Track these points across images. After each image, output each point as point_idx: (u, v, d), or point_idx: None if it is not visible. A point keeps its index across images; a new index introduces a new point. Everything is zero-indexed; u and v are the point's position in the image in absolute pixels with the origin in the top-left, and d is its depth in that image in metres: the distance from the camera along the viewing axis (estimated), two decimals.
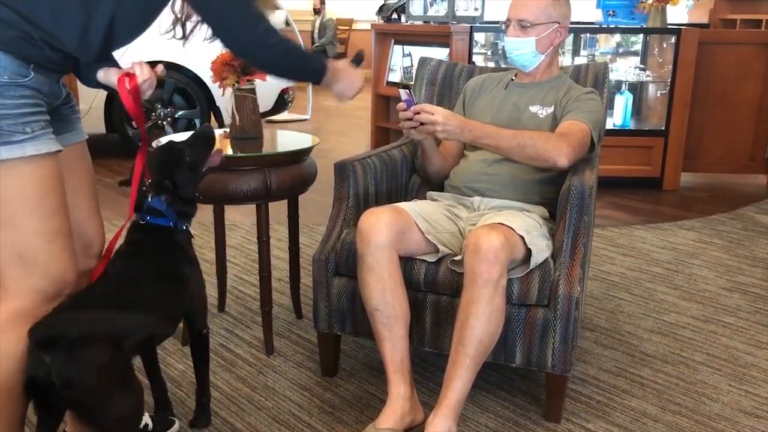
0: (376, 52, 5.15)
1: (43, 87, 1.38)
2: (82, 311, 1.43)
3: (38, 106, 1.36)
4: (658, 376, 2.19)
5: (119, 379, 1.42)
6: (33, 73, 1.34)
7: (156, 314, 1.60)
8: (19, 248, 1.36)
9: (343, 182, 2.13)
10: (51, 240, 1.39)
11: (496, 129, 1.99)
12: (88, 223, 1.62)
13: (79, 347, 1.36)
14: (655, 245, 3.43)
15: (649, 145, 4.44)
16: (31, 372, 1.36)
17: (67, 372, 1.33)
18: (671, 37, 4.34)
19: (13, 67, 1.31)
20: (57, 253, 1.40)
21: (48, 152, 1.36)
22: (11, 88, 1.31)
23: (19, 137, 1.32)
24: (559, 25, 2.10)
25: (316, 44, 10.41)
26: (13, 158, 1.31)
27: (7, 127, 1.30)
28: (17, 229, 1.35)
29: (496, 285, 1.71)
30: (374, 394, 2.06)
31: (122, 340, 1.44)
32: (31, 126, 1.33)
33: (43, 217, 1.37)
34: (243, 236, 3.43)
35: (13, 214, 1.34)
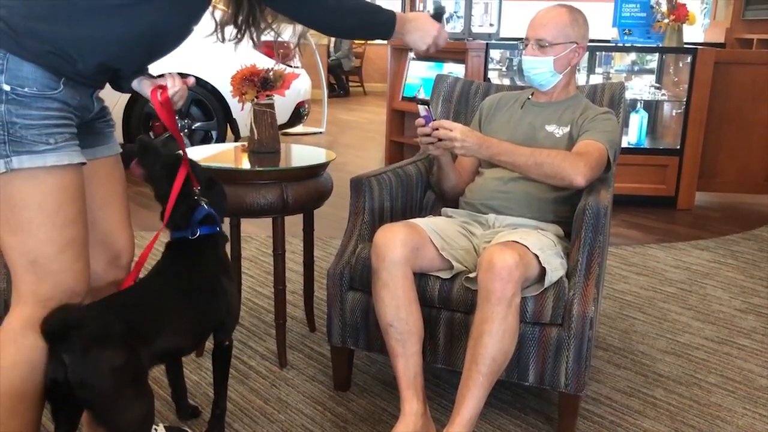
0: (392, 67, 5.18)
1: (72, 100, 1.40)
2: (105, 313, 1.46)
3: (64, 118, 1.39)
4: (671, 398, 2.18)
5: (132, 383, 1.44)
6: (63, 87, 1.37)
7: (186, 329, 1.63)
8: (32, 255, 1.38)
9: (359, 197, 2.15)
10: (63, 250, 1.40)
11: (513, 146, 2.00)
12: (118, 235, 1.65)
13: (95, 347, 1.38)
14: (669, 265, 3.42)
15: (664, 164, 4.43)
16: (51, 374, 1.38)
17: (82, 372, 1.36)
18: (687, 56, 4.34)
19: (43, 80, 1.34)
20: (69, 263, 1.41)
21: (69, 164, 1.38)
22: (39, 99, 1.34)
23: (42, 147, 1.34)
24: (578, 46, 2.12)
25: (332, 58, 10.49)
26: (34, 167, 1.34)
27: (31, 136, 1.33)
28: (32, 235, 1.37)
29: (510, 303, 1.71)
30: (386, 410, 2.06)
31: (140, 347, 1.46)
32: (55, 137, 1.36)
33: (58, 226, 1.39)
34: (257, 248, 3.45)
35: (29, 221, 1.36)
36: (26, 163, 1.33)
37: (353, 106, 9.84)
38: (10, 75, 1.31)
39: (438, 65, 4.88)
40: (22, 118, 1.31)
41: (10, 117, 1.31)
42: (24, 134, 1.32)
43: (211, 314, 1.73)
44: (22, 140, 1.32)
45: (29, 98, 1.33)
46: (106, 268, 1.63)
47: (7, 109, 1.30)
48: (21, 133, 1.32)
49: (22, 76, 1.31)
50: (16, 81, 1.31)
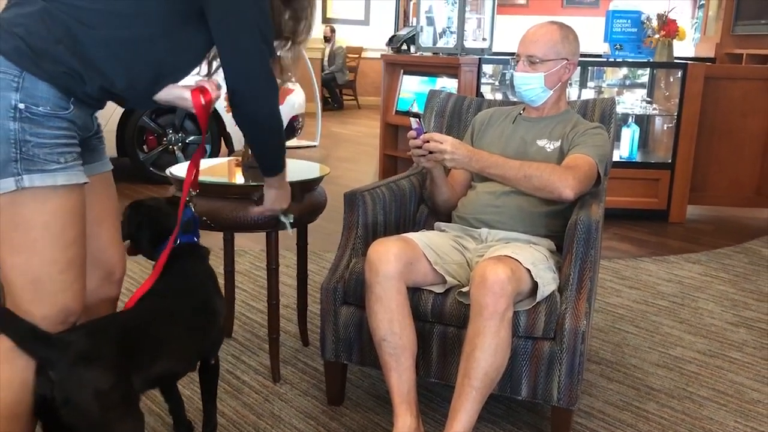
0: (385, 81, 5.21)
1: (78, 120, 1.42)
2: (97, 333, 1.44)
3: (73, 138, 1.40)
4: (663, 411, 2.19)
5: (119, 405, 1.41)
6: (72, 107, 1.38)
7: (182, 352, 1.63)
8: (34, 274, 1.38)
9: (353, 212, 2.16)
10: (64, 270, 1.40)
11: (503, 159, 2.02)
12: (111, 251, 1.65)
13: (81, 366, 1.37)
14: (661, 278, 3.44)
15: (656, 177, 4.46)
16: (39, 390, 1.37)
17: (67, 390, 1.35)
18: (678, 71, 4.39)
19: (55, 99, 1.35)
20: (68, 283, 1.42)
21: (77, 183, 1.40)
22: (51, 119, 1.35)
23: (53, 166, 1.35)
24: (568, 62, 2.14)
25: (326, 72, 10.53)
26: (44, 186, 1.34)
27: (43, 155, 1.34)
28: (35, 255, 1.37)
29: (503, 317, 1.72)
30: (380, 424, 2.06)
31: (132, 371, 1.44)
32: (65, 156, 1.37)
33: (62, 247, 1.39)
34: (251, 262, 3.45)
35: (33, 240, 1.36)
36: (37, 182, 1.33)
37: (347, 119, 9.88)
38: (26, 93, 1.32)
39: (431, 80, 4.91)
40: (35, 137, 1.32)
41: (24, 135, 1.31)
42: (36, 152, 1.33)
43: (206, 335, 1.72)
44: (34, 158, 1.33)
45: (42, 117, 1.33)
46: (100, 285, 1.63)
47: (21, 127, 1.31)
48: (33, 151, 1.32)
49: (37, 95, 1.33)
50: (31, 99, 1.32)
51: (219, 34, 1.46)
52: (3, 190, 1.32)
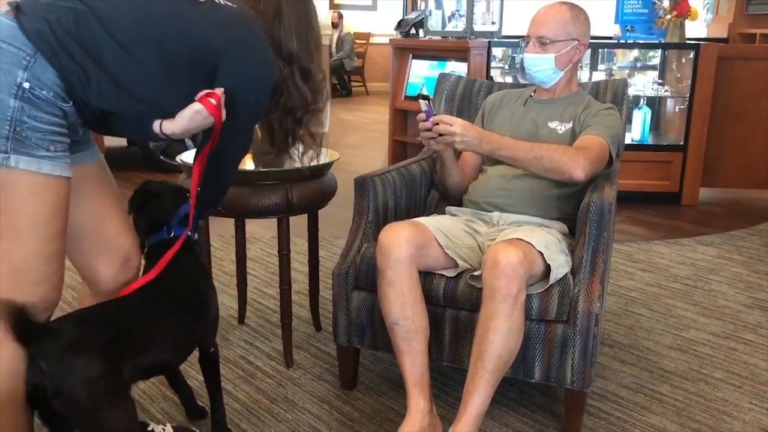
0: (393, 66, 5.19)
1: (72, 117, 1.41)
2: (87, 322, 1.45)
3: (65, 128, 1.40)
4: (677, 393, 2.18)
5: (109, 393, 1.41)
6: (71, 103, 1.39)
7: (174, 344, 1.62)
8: (16, 264, 1.37)
9: (363, 197, 2.15)
10: (48, 262, 1.40)
11: (513, 141, 2.01)
12: (124, 236, 1.65)
13: (70, 356, 1.36)
14: (673, 261, 3.42)
15: (668, 160, 4.42)
16: (31, 380, 1.36)
17: (57, 379, 1.35)
18: (690, 52, 4.34)
19: (59, 90, 1.36)
20: (49, 275, 1.41)
21: (61, 175, 1.39)
22: (51, 105, 1.35)
23: (42, 153, 1.34)
24: (579, 43, 2.12)
25: (334, 58, 10.49)
26: (28, 170, 1.33)
27: (35, 139, 1.33)
28: (20, 245, 1.37)
29: (515, 300, 1.72)
30: (393, 408, 2.07)
31: (122, 360, 1.43)
32: (55, 145, 1.36)
33: (47, 239, 1.39)
34: (262, 249, 3.46)
35: (19, 230, 1.36)
36: (22, 164, 1.33)
37: (356, 106, 9.85)
38: (33, 74, 1.32)
39: (440, 64, 4.88)
40: (32, 120, 1.32)
41: (21, 115, 1.31)
42: (29, 135, 1.32)
43: (197, 326, 1.71)
44: (25, 141, 1.32)
45: (43, 102, 1.33)
46: (118, 273, 1.64)
47: (20, 106, 1.31)
48: (27, 133, 1.32)
49: (44, 78, 1.33)
50: (36, 81, 1.32)
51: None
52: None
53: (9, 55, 1.31)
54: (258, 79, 1.51)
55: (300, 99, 1.68)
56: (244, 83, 1.49)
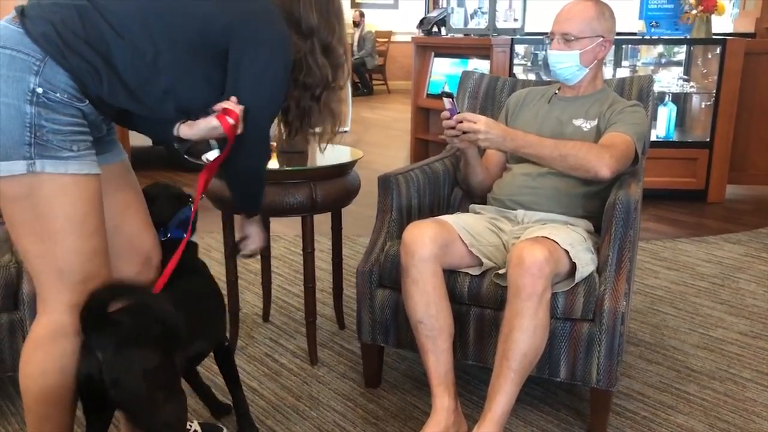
0: (416, 64, 5.19)
1: (92, 115, 1.41)
2: (143, 315, 1.46)
3: (86, 127, 1.40)
4: (705, 393, 2.16)
5: (165, 384, 1.44)
6: (88, 101, 1.38)
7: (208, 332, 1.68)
8: (59, 264, 1.39)
9: (387, 195, 2.16)
10: (89, 259, 1.41)
11: (538, 138, 2.00)
12: (144, 237, 1.65)
13: (130, 347, 1.39)
14: (700, 259, 3.38)
15: (693, 156, 4.37)
16: (85, 370, 1.39)
17: (116, 370, 1.37)
18: (716, 47, 4.28)
19: (74, 89, 1.35)
20: (94, 272, 1.42)
21: (89, 173, 1.39)
22: (67, 106, 1.34)
23: (66, 154, 1.35)
24: (604, 39, 2.10)
25: (356, 56, 10.50)
26: (55, 173, 1.34)
27: (57, 142, 1.34)
28: (59, 245, 1.38)
29: (541, 299, 1.71)
30: (417, 406, 2.07)
31: (174, 350, 1.48)
32: (78, 145, 1.37)
33: (84, 236, 1.39)
34: (286, 247, 3.48)
35: (56, 230, 1.37)
36: (48, 167, 1.33)
37: (377, 104, 9.85)
38: (44, 78, 1.32)
39: (462, 62, 4.87)
40: (50, 122, 1.32)
41: (39, 120, 1.31)
42: (50, 138, 1.33)
43: (223, 315, 1.79)
44: (47, 144, 1.32)
45: (58, 104, 1.33)
46: (140, 271, 1.64)
47: (37, 111, 1.31)
48: (48, 137, 1.32)
49: (56, 81, 1.32)
50: (49, 85, 1.32)
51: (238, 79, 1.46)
52: (14, 173, 1.32)
53: (19, 62, 1.31)
54: (270, 56, 1.46)
55: (320, 75, 1.65)
56: (255, 60, 1.45)
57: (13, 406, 2.02)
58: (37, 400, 1.43)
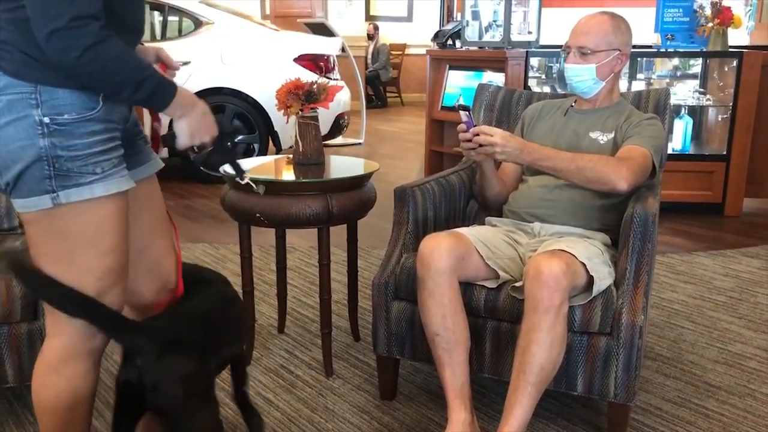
0: (430, 77, 5.20)
1: (113, 115, 1.35)
2: (183, 319, 1.49)
3: (110, 140, 1.34)
4: (724, 408, 2.13)
5: (202, 391, 1.46)
6: (102, 103, 1.31)
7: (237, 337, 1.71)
8: (72, 283, 1.35)
9: (403, 207, 2.16)
10: (102, 277, 1.37)
11: (554, 151, 2.00)
12: (166, 261, 1.61)
13: (169, 353, 1.41)
14: (717, 273, 3.35)
15: (710, 170, 4.34)
16: (125, 376, 1.42)
17: (155, 375, 1.39)
18: (733, 60, 4.26)
19: (80, 102, 1.29)
20: (105, 290, 1.38)
21: (118, 191, 1.35)
22: (80, 124, 1.29)
23: (89, 178, 1.30)
24: (620, 53, 2.10)
25: (370, 69, 10.56)
26: (81, 200, 1.30)
27: (77, 168, 1.29)
28: (72, 264, 1.34)
29: (558, 312, 1.70)
30: (433, 419, 2.06)
31: (209, 356, 1.50)
32: (102, 165, 1.32)
33: (98, 255, 1.36)
34: (300, 258, 3.49)
35: (70, 251, 1.34)
36: (74, 197, 1.29)
37: (391, 116, 9.88)
38: (47, 106, 1.26)
39: (477, 74, 4.88)
40: (66, 150, 1.27)
41: (55, 151, 1.27)
42: (70, 167, 1.28)
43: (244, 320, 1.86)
44: (68, 173, 1.28)
45: (71, 125, 1.28)
46: (157, 294, 1.61)
47: (50, 143, 1.26)
48: (67, 165, 1.28)
49: (58, 104, 1.27)
50: (53, 110, 1.26)
51: None
52: (39, 208, 1.29)
53: (17, 104, 1.26)
54: None
55: None
56: None
57: (31, 416, 2.03)
58: (52, 420, 1.43)
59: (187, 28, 5.46)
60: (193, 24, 5.39)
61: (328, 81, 2.36)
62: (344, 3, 10.64)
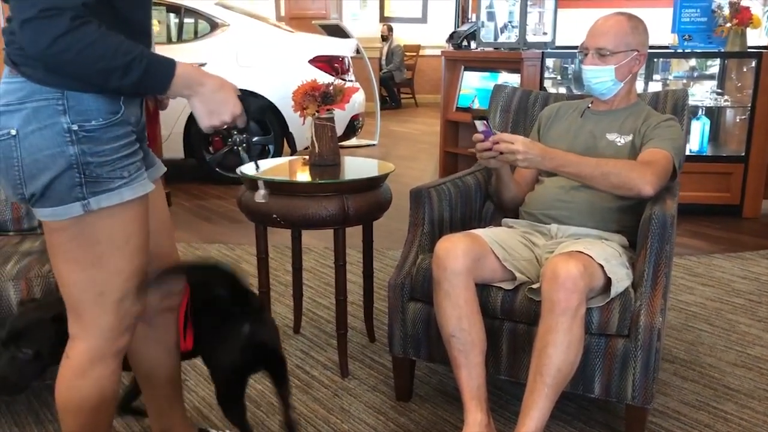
0: (445, 78, 5.20)
1: (131, 117, 1.34)
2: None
3: (132, 144, 1.34)
4: (743, 412, 2.11)
5: None
6: (123, 106, 1.31)
7: None
8: (100, 288, 1.36)
9: (419, 208, 2.16)
10: (129, 278, 1.38)
11: (577, 157, 1.97)
12: (169, 261, 1.61)
13: (269, 316, 1.78)
14: (735, 275, 3.32)
15: (728, 171, 4.31)
16: (259, 337, 1.66)
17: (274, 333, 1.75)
18: (752, 60, 4.22)
19: (105, 106, 1.28)
20: (131, 289, 1.39)
21: (143, 194, 1.35)
22: (108, 129, 1.28)
23: (118, 183, 1.30)
24: (638, 53, 2.09)
25: (384, 70, 10.56)
26: (111, 206, 1.30)
27: (106, 174, 1.29)
28: (102, 269, 1.35)
29: (575, 314, 1.70)
30: (449, 421, 2.06)
31: None
32: (128, 169, 1.32)
33: (126, 256, 1.36)
34: (316, 259, 3.49)
35: (99, 256, 1.34)
36: (104, 202, 1.29)
37: (405, 117, 9.88)
38: (74, 112, 1.25)
39: (492, 75, 4.87)
40: (96, 156, 1.27)
41: (84, 158, 1.26)
42: (100, 173, 1.28)
43: None
44: (98, 179, 1.28)
45: (98, 131, 1.27)
46: (162, 298, 1.61)
47: (80, 150, 1.26)
48: (97, 172, 1.28)
49: (85, 109, 1.26)
50: (81, 117, 1.25)
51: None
52: (70, 216, 1.29)
53: (44, 111, 1.24)
54: None
55: None
56: None
57: (50, 413, 2.05)
58: (77, 422, 1.44)
59: (202, 30, 5.49)
60: (209, 26, 5.42)
61: (344, 82, 2.36)
62: (359, 4, 10.65)
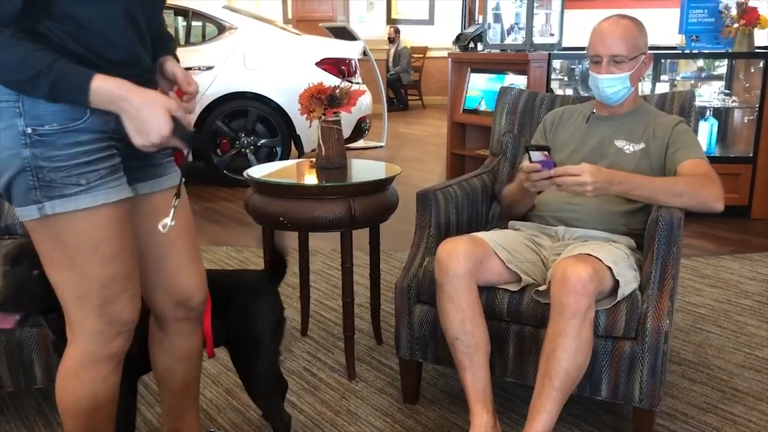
0: (452, 80, 5.20)
1: (106, 125, 1.30)
2: None
3: (98, 151, 1.30)
4: (752, 414, 2.11)
5: None
6: (90, 114, 1.27)
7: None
8: (77, 291, 1.36)
9: (425, 211, 2.16)
10: (106, 285, 1.36)
11: (646, 179, 1.92)
12: (186, 275, 1.56)
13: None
14: (744, 276, 3.31)
15: (736, 172, 4.29)
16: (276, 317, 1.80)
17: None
18: (760, 61, 4.21)
19: (63, 112, 1.25)
20: (113, 297, 1.37)
21: (105, 203, 1.31)
22: (63, 135, 1.25)
23: (73, 189, 1.27)
24: (646, 56, 2.08)
25: (391, 72, 10.57)
26: (65, 212, 1.28)
27: (60, 179, 1.26)
28: (74, 272, 1.34)
29: (584, 317, 1.69)
30: (455, 423, 2.06)
31: None
32: (86, 177, 1.28)
33: (98, 263, 1.34)
34: (323, 262, 3.50)
35: (71, 258, 1.33)
36: (59, 208, 1.28)
37: (412, 119, 9.88)
38: (29, 116, 1.24)
39: (499, 77, 4.87)
40: (48, 161, 1.25)
41: (36, 161, 1.25)
42: (53, 177, 1.26)
43: None
44: (51, 184, 1.26)
45: (52, 136, 1.25)
46: (175, 309, 1.58)
47: (32, 154, 1.24)
48: (50, 176, 1.26)
49: (39, 114, 1.24)
50: (35, 121, 1.24)
51: None
52: (31, 217, 1.29)
53: (5, 111, 1.24)
54: None
55: None
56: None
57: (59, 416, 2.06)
58: (75, 424, 1.46)
59: (210, 33, 5.52)
60: (217, 29, 5.44)
61: (351, 85, 2.37)
62: (365, 6, 10.67)
